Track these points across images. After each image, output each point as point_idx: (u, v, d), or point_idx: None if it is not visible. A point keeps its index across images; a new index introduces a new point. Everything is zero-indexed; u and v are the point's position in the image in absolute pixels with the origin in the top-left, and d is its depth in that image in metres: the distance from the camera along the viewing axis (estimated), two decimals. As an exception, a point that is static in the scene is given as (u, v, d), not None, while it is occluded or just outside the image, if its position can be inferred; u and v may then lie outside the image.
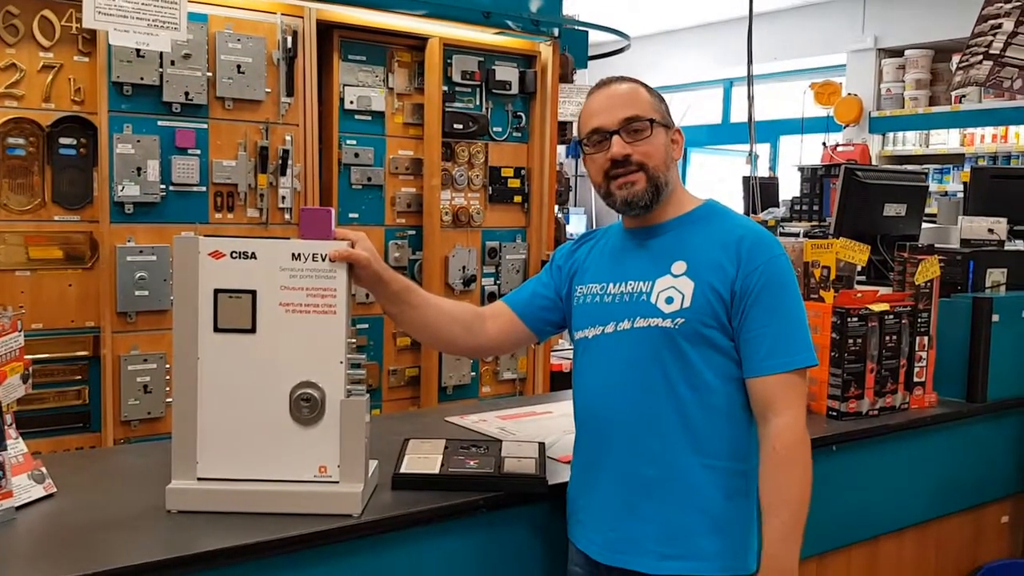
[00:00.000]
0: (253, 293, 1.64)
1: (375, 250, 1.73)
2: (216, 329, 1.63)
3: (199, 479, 1.64)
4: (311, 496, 1.64)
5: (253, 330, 1.64)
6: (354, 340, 1.70)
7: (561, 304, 1.90)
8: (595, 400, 1.78)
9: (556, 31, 3.85)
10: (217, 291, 1.63)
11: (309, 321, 1.65)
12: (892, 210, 3.52)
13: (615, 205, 1.76)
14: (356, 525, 1.63)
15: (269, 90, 3.19)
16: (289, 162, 3.23)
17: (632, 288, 1.73)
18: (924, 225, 3.88)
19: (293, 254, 1.64)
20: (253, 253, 1.64)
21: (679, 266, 1.70)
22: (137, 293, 2.97)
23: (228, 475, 1.65)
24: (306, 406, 1.64)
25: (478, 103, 3.74)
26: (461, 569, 1.80)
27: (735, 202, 6.46)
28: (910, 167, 7.29)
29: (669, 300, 1.68)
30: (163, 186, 3.02)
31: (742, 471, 1.71)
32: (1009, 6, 4.30)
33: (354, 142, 3.49)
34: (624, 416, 1.71)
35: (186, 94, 3.03)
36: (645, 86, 1.80)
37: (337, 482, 1.66)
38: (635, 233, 1.80)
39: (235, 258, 1.63)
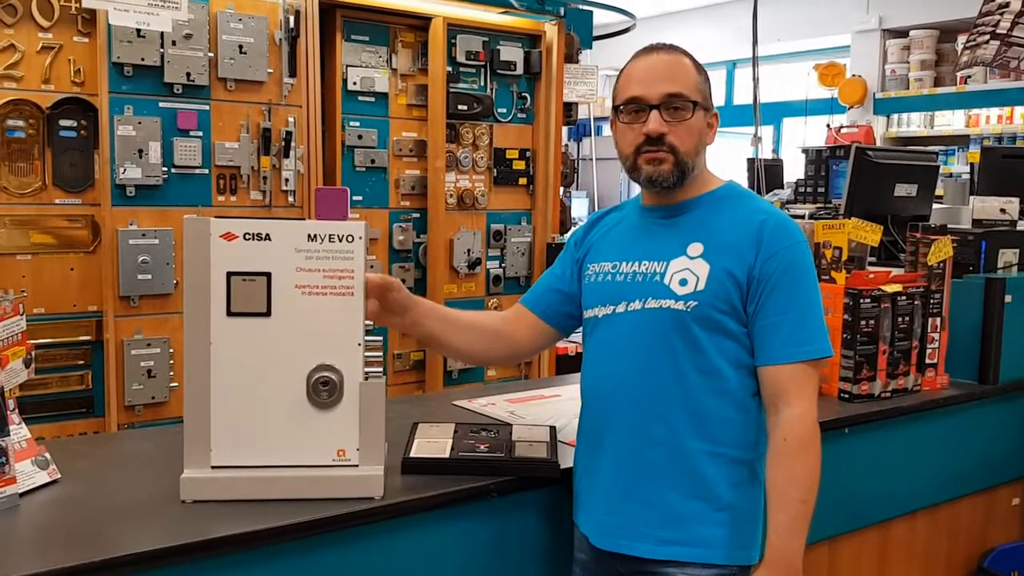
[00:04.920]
0: (268, 275, 1.60)
1: None
2: (229, 313, 1.59)
3: (213, 467, 1.60)
4: (331, 480, 1.62)
5: (268, 313, 1.60)
6: (370, 322, 1.67)
7: (577, 295, 1.85)
8: (601, 381, 1.74)
9: (561, 10, 3.80)
10: (230, 274, 1.59)
11: (326, 303, 1.61)
12: (903, 190, 3.48)
13: (639, 179, 1.70)
14: (381, 507, 1.61)
15: (271, 71, 3.16)
16: (292, 144, 3.19)
17: (646, 268, 1.69)
18: (932, 206, 3.84)
19: (309, 235, 1.60)
20: (268, 235, 1.59)
21: (695, 248, 1.66)
22: (140, 277, 2.95)
23: (243, 462, 1.61)
24: (325, 389, 1.61)
25: (482, 84, 3.70)
26: (472, 553, 1.78)
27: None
28: (918, 148, 7.25)
29: (683, 282, 1.63)
30: (165, 168, 2.99)
31: (750, 460, 1.67)
32: (1018, -15, 4.26)
33: (357, 124, 3.45)
34: (629, 398, 1.67)
35: (187, 75, 2.99)
36: (694, 60, 1.69)
37: (356, 465, 1.63)
38: (653, 211, 1.75)
39: (248, 240, 1.59)
